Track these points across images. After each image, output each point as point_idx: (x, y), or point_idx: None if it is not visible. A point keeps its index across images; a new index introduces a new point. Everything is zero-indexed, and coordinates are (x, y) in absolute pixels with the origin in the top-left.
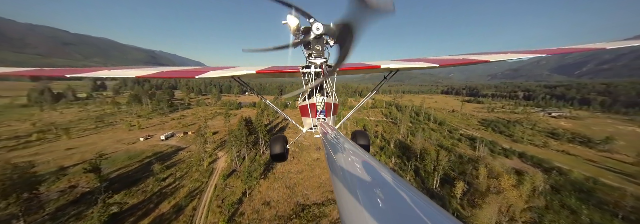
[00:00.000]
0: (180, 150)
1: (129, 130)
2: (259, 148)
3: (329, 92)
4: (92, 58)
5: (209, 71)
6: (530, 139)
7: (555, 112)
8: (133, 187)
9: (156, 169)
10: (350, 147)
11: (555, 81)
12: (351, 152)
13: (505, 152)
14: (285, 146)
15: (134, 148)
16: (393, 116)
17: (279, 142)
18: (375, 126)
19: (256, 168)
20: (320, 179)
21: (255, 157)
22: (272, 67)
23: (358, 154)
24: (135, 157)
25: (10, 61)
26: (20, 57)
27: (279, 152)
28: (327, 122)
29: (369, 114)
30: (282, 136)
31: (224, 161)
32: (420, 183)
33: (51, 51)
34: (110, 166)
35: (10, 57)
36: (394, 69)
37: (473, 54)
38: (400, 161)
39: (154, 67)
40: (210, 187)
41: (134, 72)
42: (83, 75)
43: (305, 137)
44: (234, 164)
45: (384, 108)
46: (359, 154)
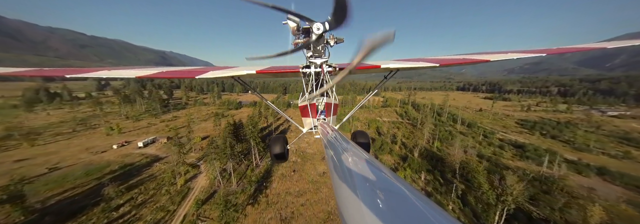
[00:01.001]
0: (156, 161)
1: (108, 134)
2: (251, 159)
3: (329, 93)
4: (106, 59)
5: (208, 70)
6: (600, 147)
7: (610, 110)
8: (68, 221)
9: (109, 192)
10: (350, 147)
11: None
12: (351, 152)
13: (576, 166)
14: (285, 146)
15: (100, 159)
16: (410, 116)
17: (279, 142)
18: (390, 128)
19: (244, 187)
20: (327, 206)
21: (245, 172)
22: (272, 67)
23: (358, 154)
24: (93, 173)
25: (31, 62)
26: (41, 59)
27: (279, 152)
28: (327, 123)
29: (382, 114)
30: (282, 136)
31: (206, 177)
32: (470, 217)
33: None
34: (53, 187)
35: (32, 58)
36: (394, 68)
37: (473, 54)
38: (432, 178)
39: (154, 67)
40: (176, 220)
41: (134, 72)
42: (83, 75)
43: (309, 143)
44: (216, 182)
45: (397, 107)
46: (359, 154)
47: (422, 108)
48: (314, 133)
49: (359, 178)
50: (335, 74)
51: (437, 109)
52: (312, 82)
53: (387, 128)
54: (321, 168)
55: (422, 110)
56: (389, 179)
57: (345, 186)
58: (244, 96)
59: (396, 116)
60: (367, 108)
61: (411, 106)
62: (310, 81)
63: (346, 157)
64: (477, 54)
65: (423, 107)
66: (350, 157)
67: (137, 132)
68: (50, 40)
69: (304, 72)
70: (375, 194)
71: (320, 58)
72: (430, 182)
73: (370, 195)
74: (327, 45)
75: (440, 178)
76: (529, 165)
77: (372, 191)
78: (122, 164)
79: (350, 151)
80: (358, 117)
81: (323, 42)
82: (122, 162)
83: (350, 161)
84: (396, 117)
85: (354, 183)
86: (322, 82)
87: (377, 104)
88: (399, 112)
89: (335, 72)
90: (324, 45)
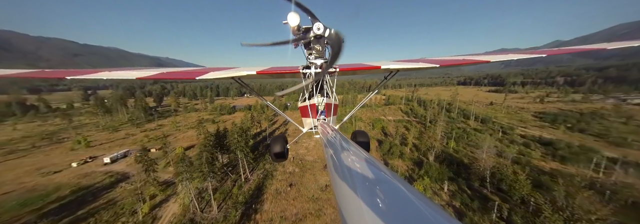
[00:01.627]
0: (123, 180)
1: (72, 149)
2: (240, 171)
3: (329, 93)
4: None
5: (209, 71)
6: None
7: (630, 97)
8: None
9: None
10: (350, 146)
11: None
12: (351, 152)
13: (626, 167)
14: (285, 145)
15: (48, 182)
16: (416, 113)
17: (278, 142)
18: (397, 127)
19: (227, 212)
20: None
21: (231, 190)
22: (272, 68)
23: (358, 154)
24: (32, 203)
25: None
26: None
27: (279, 152)
28: (327, 123)
29: (386, 113)
30: (282, 136)
31: (182, 200)
32: None
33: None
34: None
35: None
36: (393, 69)
37: (473, 55)
38: (456, 188)
39: (155, 68)
40: None
41: (135, 73)
42: (83, 76)
43: (308, 149)
44: (191, 208)
45: (401, 104)
46: (359, 153)
47: (429, 104)
48: (314, 133)
49: (359, 177)
50: (336, 74)
51: (445, 105)
52: (313, 83)
53: (394, 128)
54: (323, 179)
55: (429, 106)
56: (389, 179)
57: (345, 185)
58: (240, 99)
59: (401, 114)
60: (369, 107)
61: (416, 103)
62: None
63: (346, 157)
64: (477, 55)
65: (430, 104)
66: (350, 156)
67: (110, 145)
68: (41, 50)
69: (304, 73)
70: (375, 193)
71: (321, 59)
72: (456, 194)
73: (370, 194)
74: (327, 46)
75: (466, 188)
76: (568, 166)
77: (371, 190)
78: (75, 188)
79: (350, 151)
80: (360, 117)
81: (323, 42)
82: (77, 184)
83: (350, 161)
84: (401, 115)
85: (353, 182)
86: (322, 83)
87: (379, 103)
88: (404, 110)
89: (336, 72)
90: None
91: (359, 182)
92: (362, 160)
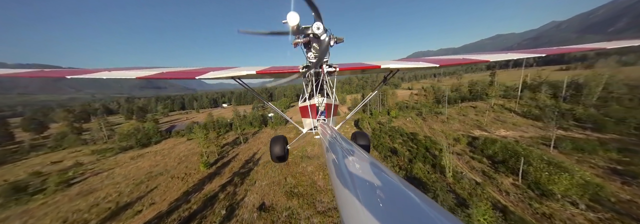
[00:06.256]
0: None
1: None
2: None
3: (329, 93)
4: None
5: (208, 71)
6: None
7: None
8: None
9: None
10: (350, 147)
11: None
12: (351, 153)
13: None
14: (285, 146)
15: None
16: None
17: (278, 142)
18: None
19: None
20: None
21: None
22: (272, 67)
23: (358, 155)
24: None
25: None
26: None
27: (280, 153)
28: (327, 123)
29: (486, 122)
30: (282, 136)
31: None
32: None
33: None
34: None
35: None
36: (393, 68)
37: (472, 54)
38: None
39: (154, 68)
40: None
41: (134, 73)
42: (83, 76)
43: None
44: None
45: (496, 97)
46: (359, 154)
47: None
48: (314, 134)
49: (359, 178)
50: (335, 74)
51: None
52: (313, 83)
53: None
54: None
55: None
56: (390, 180)
57: (346, 186)
58: (208, 111)
59: (523, 119)
60: (413, 109)
61: (530, 90)
62: (310, 82)
63: (346, 158)
64: (477, 55)
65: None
66: (350, 157)
67: None
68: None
69: (304, 73)
70: (375, 194)
71: None
72: None
73: (371, 195)
74: None
75: None
76: None
77: (372, 191)
78: None
79: (350, 152)
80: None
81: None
82: None
83: (350, 162)
84: (528, 122)
85: (354, 183)
86: (322, 83)
87: (424, 101)
88: (519, 110)
89: (335, 72)
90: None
91: (359, 183)
92: (363, 161)
